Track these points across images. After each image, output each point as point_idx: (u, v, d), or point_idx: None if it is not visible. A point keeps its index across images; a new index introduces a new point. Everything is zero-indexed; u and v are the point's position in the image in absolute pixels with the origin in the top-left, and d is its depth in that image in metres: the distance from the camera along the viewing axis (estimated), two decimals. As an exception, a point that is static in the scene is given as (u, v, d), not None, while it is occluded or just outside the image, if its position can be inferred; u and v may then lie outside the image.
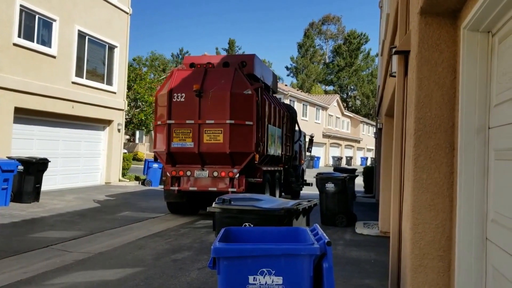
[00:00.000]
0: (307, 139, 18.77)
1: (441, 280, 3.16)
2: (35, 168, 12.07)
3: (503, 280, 2.46)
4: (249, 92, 10.51)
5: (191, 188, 10.75)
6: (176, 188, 10.75)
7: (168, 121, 10.64)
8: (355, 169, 16.70)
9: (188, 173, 10.70)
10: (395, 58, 4.54)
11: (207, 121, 10.43)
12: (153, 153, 12.16)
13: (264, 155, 11.37)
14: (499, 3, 2.40)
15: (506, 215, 2.45)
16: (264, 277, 3.12)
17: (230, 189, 10.37)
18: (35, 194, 12.18)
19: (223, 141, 10.33)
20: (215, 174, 10.55)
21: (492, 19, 2.62)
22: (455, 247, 3.00)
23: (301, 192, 16.79)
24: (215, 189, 10.56)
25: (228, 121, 10.32)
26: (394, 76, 4.78)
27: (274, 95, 14.57)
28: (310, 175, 17.73)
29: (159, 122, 11.10)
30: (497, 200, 2.65)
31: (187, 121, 10.54)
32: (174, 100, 10.67)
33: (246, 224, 5.29)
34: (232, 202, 5.62)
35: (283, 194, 14.27)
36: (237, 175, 10.43)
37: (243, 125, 10.44)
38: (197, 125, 10.47)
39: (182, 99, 10.63)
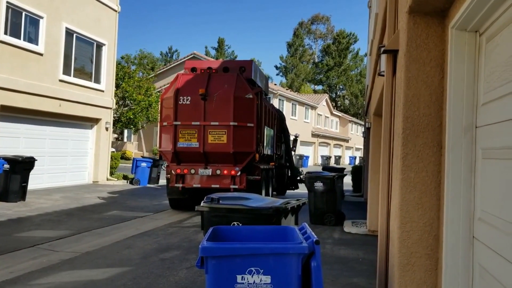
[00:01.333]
0: (291, 138, 19.16)
1: (428, 278, 3.18)
2: (22, 166, 11.93)
3: (490, 278, 2.48)
4: (250, 96, 11.22)
5: (195, 185, 11.38)
6: (181, 185, 11.37)
7: (175, 123, 11.25)
8: (344, 168, 16.78)
9: (192, 171, 11.33)
10: (383, 57, 4.55)
11: (212, 123, 11.09)
12: (141, 152, 12.41)
13: (261, 154, 12.01)
14: (486, 3, 2.41)
15: (493, 213, 2.46)
16: (252, 276, 3.11)
17: (231, 186, 11.07)
18: (21, 193, 12.04)
19: (226, 142, 11.00)
20: (218, 172, 11.20)
21: (480, 18, 2.63)
22: (442, 245, 3.02)
23: (289, 191, 16.99)
24: (217, 186, 11.19)
25: (231, 123, 10.99)
26: (383, 75, 4.79)
27: (264, 96, 14.88)
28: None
29: (165, 123, 11.66)
30: (484, 198, 2.66)
31: (193, 123, 11.18)
32: (180, 102, 11.29)
33: (235, 223, 5.28)
34: (220, 201, 5.60)
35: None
36: (239, 173, 11.09)
37: (245, 127, 11.14)
38: (202, 126, 11.13)
39: (188, 102, 11.24)
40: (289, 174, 16.75)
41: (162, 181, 18.70)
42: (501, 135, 2.38)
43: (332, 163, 46.46)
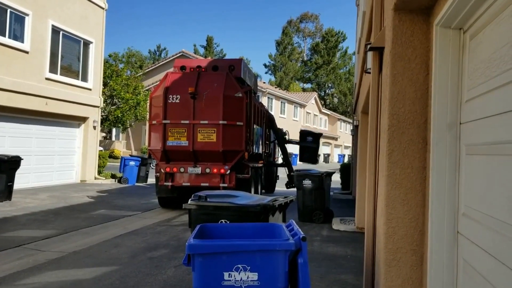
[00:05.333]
0: None
1: (414, 273, 3.21)
2: (7, 166, 11.79)
3: (473, 272, 2.51)
4: (240, 95, 11.24)
5: (184, 184, 11.37)
6: (170, 183, 11.37)
7: (164, 121, 11.21)
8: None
9: (182, 169, 11.34)
10: (370, 55, 4.57)
11: (201, 122, 11.09)
12: (129, 151, 12.36)
13: (251, 153, 12.05)
14: (469, 1, 2.43)
15: (476, 208, 2.49)
16: (239, 273, 3.11)
17: (221, 185, 11.09)
18: (7, 192, 11.89)
19: (216, 140, 11.01)
20: (207, 170, 11.23)
21: (464, 16, 2.65)
22: (427, 241, 3.04)
23: (279, 188, 17.05)
24: (207, 184, 11.21)
25: (221, 122, 11.00)
26: (369, 73, 4.82)
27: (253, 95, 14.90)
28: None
29: (154, 122, 11.60)
30: (467, 194, 2.69)
31: (182, 121, 11.15)
32: (169, 101, 11.25)
33: (222, 220, 5.27)
34: (208, 199, 5.58)
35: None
36: (228, 171, 11.12)
37: (234, 126, 11.15)
38: (192, 125, 11.11)
39: (177, 100, 11.20)
40: (288, 173, 16.69)
41: (151, 180, 18.62)
42: (483, 131, 2.41)
43: (321, 161, 46.64)
